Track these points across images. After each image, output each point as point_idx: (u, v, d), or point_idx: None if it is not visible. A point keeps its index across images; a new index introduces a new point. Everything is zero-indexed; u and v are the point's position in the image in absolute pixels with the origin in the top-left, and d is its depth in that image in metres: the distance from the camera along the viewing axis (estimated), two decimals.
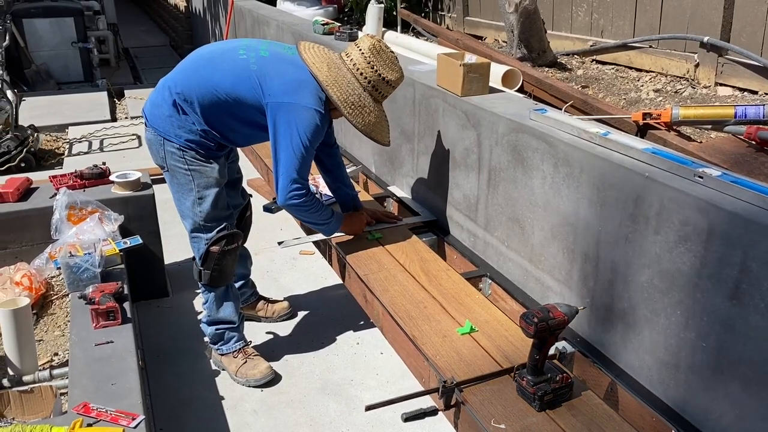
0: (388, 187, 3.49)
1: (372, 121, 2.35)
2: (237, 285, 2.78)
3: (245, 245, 2.79)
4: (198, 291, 2.95)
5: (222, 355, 2.55)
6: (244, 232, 2.74)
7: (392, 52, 2.37)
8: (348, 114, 2.30)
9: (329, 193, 2.89)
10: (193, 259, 2.47)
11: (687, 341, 1.78)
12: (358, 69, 2.30)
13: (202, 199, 2.34)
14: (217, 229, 2.38)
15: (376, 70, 2.31)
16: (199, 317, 2.69)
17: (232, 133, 2.35)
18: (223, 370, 2.58)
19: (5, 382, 2.22)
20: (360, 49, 2.32)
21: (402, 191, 3.40)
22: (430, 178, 3.12)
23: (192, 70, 2.32)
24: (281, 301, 2.97)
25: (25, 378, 2.24)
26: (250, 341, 2.64)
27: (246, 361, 2.52)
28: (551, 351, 1.90)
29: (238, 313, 2.55)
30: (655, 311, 1.88)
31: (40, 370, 2.29)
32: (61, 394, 2.11)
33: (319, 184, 3.07)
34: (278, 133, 2.25)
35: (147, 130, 2.37)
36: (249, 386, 2.49)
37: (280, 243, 2.85)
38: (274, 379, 2.52)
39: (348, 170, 3.37)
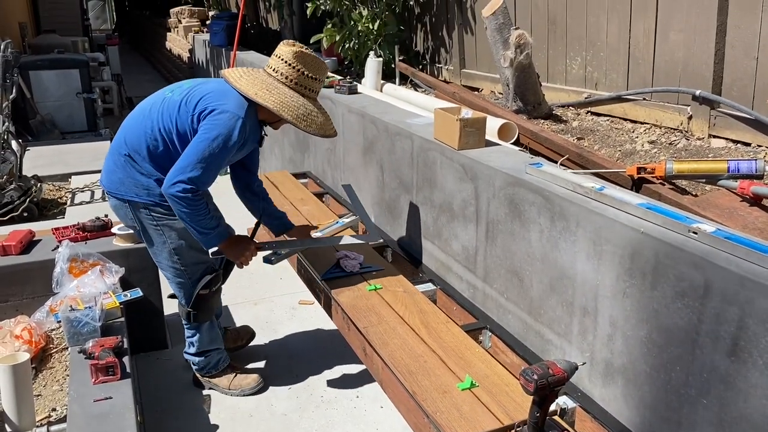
0: (387, 237, 3.52)
1: (322, 121, 2.43)
2: None
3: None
4: None
5: (212, 376, 2.72)
6: (228, 268, 2.73)
7: (311, 52, 2.45)
8: (304, 127, 2.37)
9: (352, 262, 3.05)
10: (175, 297, 2.62)
11: (688, 398, 1.78)
12: (291, 80, 2.38)
13: (177, 249, 2.46)
14: (203, 270, 2.51)
15: (305, 74, 2.39)
16: (184, 350, 2.74)
17: None
18: (212, 389, 2.73)
19: None
20: (285, 61, 2.39)
21: (401, 241, 3.42)
22: (429, 229, 3.15)
23: (131, 126, 2.44)
24: (244, 326, 3.09)
25: None
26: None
27: (236, 375, 2.73)
28: (552, 407, 1.89)
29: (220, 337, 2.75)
30: (654, 367, 1.88)
31: (37, 427, 2.26)
32: None
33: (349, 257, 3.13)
34: (198, 134, 2.29)
35: (109, 199, 2.47)
36: (244, 395, 2.69)
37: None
38: (263, 387, 2.74)
39: (347, 220, 3.42)
